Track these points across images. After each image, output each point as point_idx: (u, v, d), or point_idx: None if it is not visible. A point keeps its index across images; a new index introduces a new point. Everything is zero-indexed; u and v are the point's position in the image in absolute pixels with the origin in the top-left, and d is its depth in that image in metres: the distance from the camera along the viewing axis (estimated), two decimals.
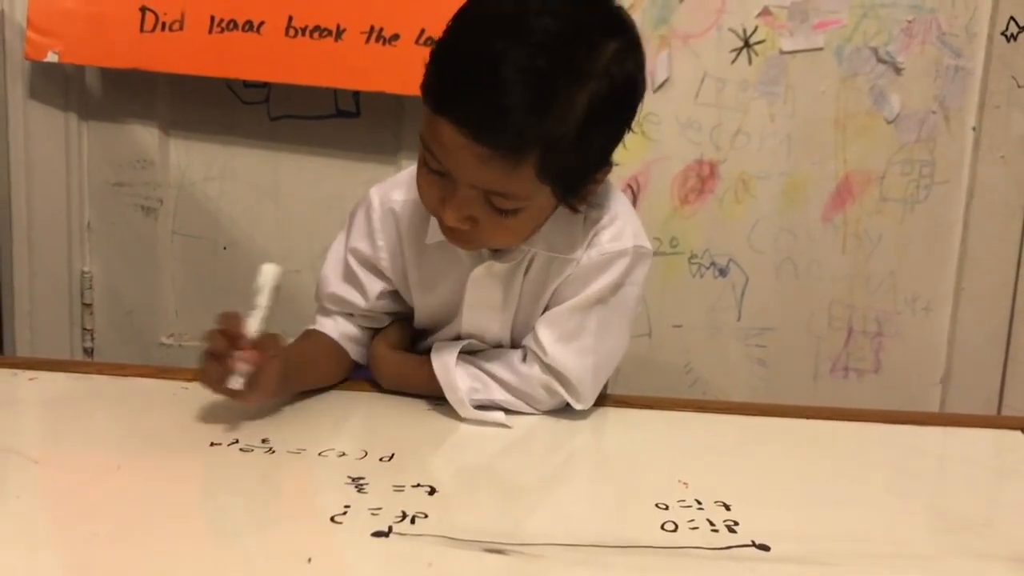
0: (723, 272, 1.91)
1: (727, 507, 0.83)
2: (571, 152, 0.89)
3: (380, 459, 0.90)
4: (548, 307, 1.04)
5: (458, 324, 1.06)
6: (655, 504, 0.83)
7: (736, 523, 0.80)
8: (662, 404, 1.11)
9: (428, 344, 1.08)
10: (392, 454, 0.91)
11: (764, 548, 0.76)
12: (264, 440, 0.93)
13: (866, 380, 1.96)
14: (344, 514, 0.78)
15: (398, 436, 0.97)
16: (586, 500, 0.88)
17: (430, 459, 0.94)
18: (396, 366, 1.09)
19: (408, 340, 1.12)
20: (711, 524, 0.79)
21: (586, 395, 1.03)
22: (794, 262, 1.90)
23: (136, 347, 1.93)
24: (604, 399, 1.08)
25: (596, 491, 0.91)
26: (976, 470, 1.00)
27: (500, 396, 1.03)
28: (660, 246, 1.88)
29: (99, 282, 1.93)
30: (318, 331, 1.11)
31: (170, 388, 0.98)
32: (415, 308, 1.10)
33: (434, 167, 0.91)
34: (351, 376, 1.13)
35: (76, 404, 1.04)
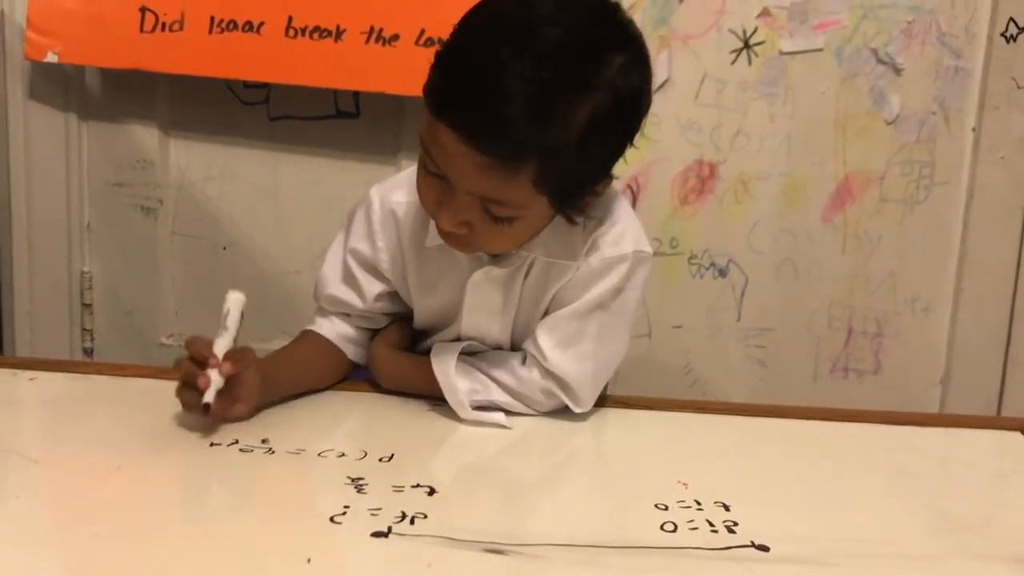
0: (723, 273, 1.91)
1: (727, 508, 0.83)
2: (570, 164, 0.88)
3: (380, 459, 0.90)
4: (548, 311, 1.04)
5: (458, 326, 1.06)
6: (655, 504, 0.83)
7: (735, 524, 0.80)
8: (662, 405, 1.11)
9: (428, 345, 1.08)
10: (392, 454, 0.91)
11: (763, 549, 0.76)
12: (264, 440, 0.93)
13: (866, 381, 1.96)
14: (344, 514, 0.78)
15: (398, 436, 0.97)
16: (585, 500, 0.88)
17: (430, 459, 0.95)
18: (396, 367, 1.09)
19: (407, 340, 1.12)
20: (710, 525, 0.79)
21: (585, 399, 1.03)
22: (794, 263, 1.90)
23: (136, 347, 1.93)
24: (604, 400, 1.08)
25: (595, 491, 0.91)
26: (976, 471, 1.01)
27: (499, 398, 1.03)
28: (660, 247, 1.88)
29: (99, 282, 1.92)
30: (315, 332, 1.11)
31: (170, 388, 0.98)
32: (415, 310, 1.10)
33: (432, 170, 0.91)
34: (350, 376, 1.13)
35: (76, 404, 1.04)
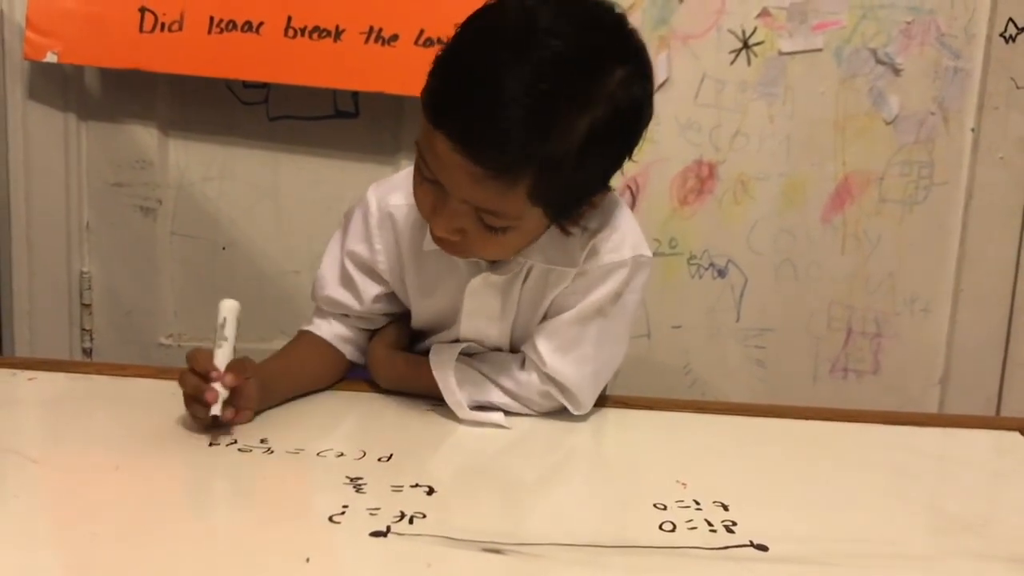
0: (722, 273, 1.91)
1: (725, 507, 0.83)
2: (567, 177, 0.87)
3: (378, 459, 0.90)
4: (547, 315, 1.04)
5: (457, 329, 1.06)
6: (653, 504, 0.83)
7: (734, 523, 0.80)
8: (661, 405, 1.11)
9: (426, 345, 1.08)
10: (391, 454, 0.91)
11: (762, 548, 0.76)
12: (263, 440, 0.93)
13: (865, 381, 1.96)
14: (342, 514, 0.78)
15: (397, 436, 0.97)
16: (584, 500, 0.88)
17: (429, 459, 0.95)
18: (394, 367, 1.09)
19: (406, 340, 1.12)
20: (709, 524, 0.79)
21: (585, 402, 1.03)
22: (793, 263, 1.90)
23: (135, 347, 1.93)
24: (603, 400, 1.08)
25: (594, 491, 0.91)
26: (975, 471, 1.01)
27: (498, 399, 1.03)
28: (659, 247, 1.88)
29: (98, 282, 1.92)
30: (312, 333, 1.11)
31: (169, 388, 0.98)
32: (413, 311, 1.10)
33: (428, 176, 0.90)
34: (348, 376, 1.13)
35: (75, 404, 1.04)
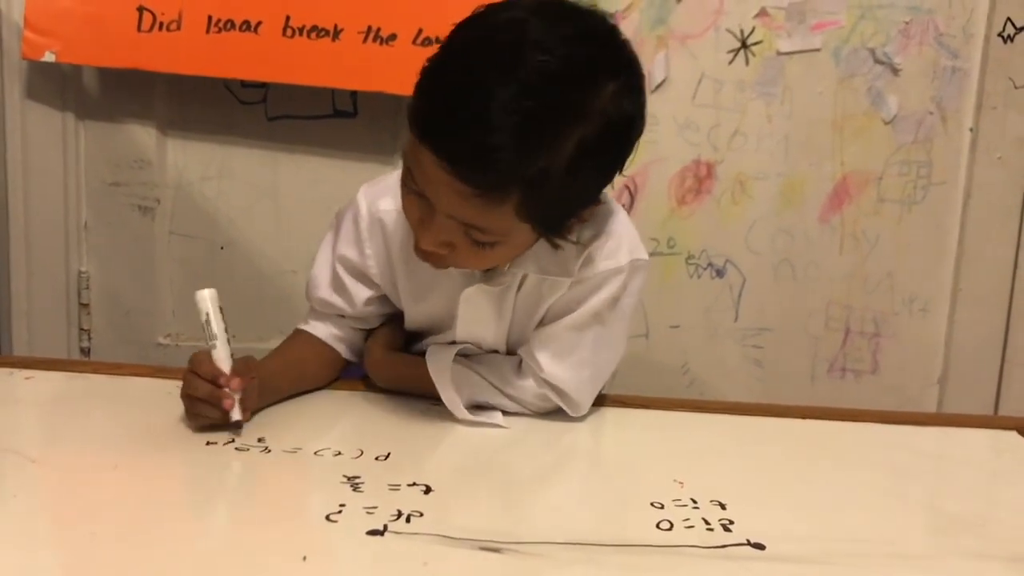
0: (720, 273, 1.91)
1: (722, 506, 0.83)
2: (556, 193, 0.86)
3: (376, 458, 0.90)
4: (544, 320, 1.03)
5: (452, 333, 1.05)
6: (651, 503, 0.83)
7: (731, 522, 0.80)
8: (659, 404, 1.11)
9: (423, 347, 1.08)
10: (388, 453, 0.91)
11: (759, 547, 0.76)
12: (260, 439, 0.93)
13: (863, 381, 1.96)
14: (339, 513, 0.78)
15: (394, 435, 0.97)
16: (582, 499, 0.88)
17: (426, 458, 0.94)
18: (391, 368, 1.09)
19: (402, 340, 1.12)
20: (706, 523, 0.80)
21: (582, 405, 1.03)
22: (791, 263, 1.90)
23: (133, 347, 1.92)
24: (601, 399, 1.08)
25: (592, 490, 0.91)
26: (973, 470, 1.01)
27: (495, 400, 1.03)
28: (657, 247, 1.88)
29: (96, 282, 1.92)
30: (308, 332, 1.11)
31: (167, 388, 0.98)
32: (406, 315, 1.09)
33: (414, 188, 0.89)
34: (344, 375, 1.13)
35: (73, 403, 1.04)
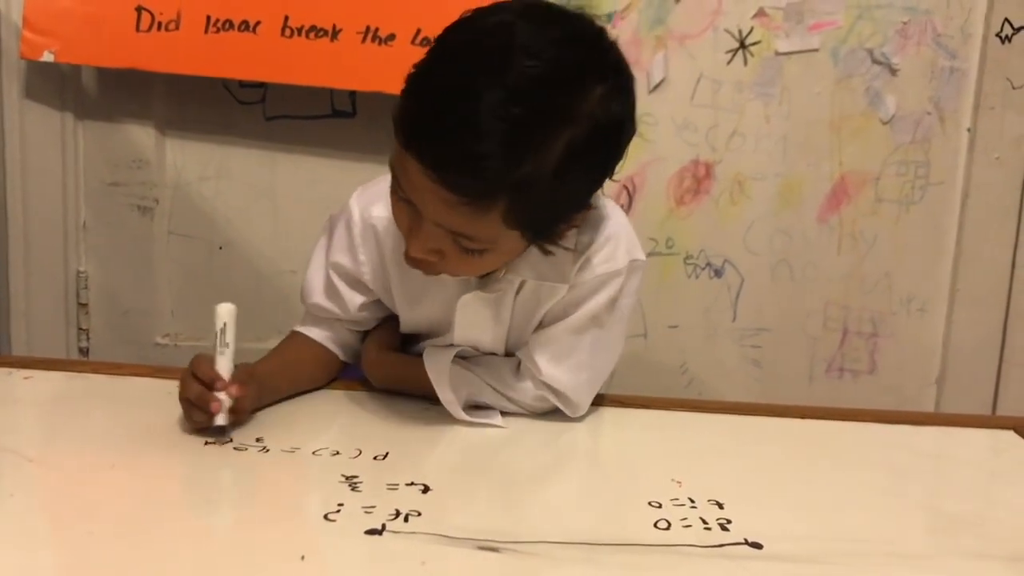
0: (718, 273, 1.91)
1: (720, 505, 0.83)
2: (544, 199, 0.85)
3: (374, 458, 0.90)
4: (542, 323, 1.03)
5: (450, 336, 1.05)
6: (649, 502, 0.83)
7: (729, 521, 0.80)
8: (657, 404, 1.11)
9: (420, 349, 1.07)
10: (386, 453, 0.91)
11: (757, 546, 0.76)
12: (258, 439, 0.93)
13: (861, 381, 1.96)
14: (338, 512, 0.78)
15: (392, 435, 0.97)
16: (580, 498, 0.88)
17: (424, 458, 0.95)
18: (388, 368, 1.09)
19: (399, 340, 1.11)
20: (704, 522, 0.80)
21: (581, 406, 1.04)
22: (789, 263, 1.90)
23: (132, 347, 1.92)
24: (600, 399, 1.08)
25: (590, 489, 0.91)
26: (971, 470, 1.01)
27: (493, 400, 1.03)
28: (655, 247, 1.88)
29: (95, 282, 1.92)
30: (304, 334, 1.11)
31: (165, 387, 0.98)
32: (401, 319, 1.09)
33: (402, 196, 0.89)
34: (342, 375, 1.13)
35: (71, 403, 1.04)
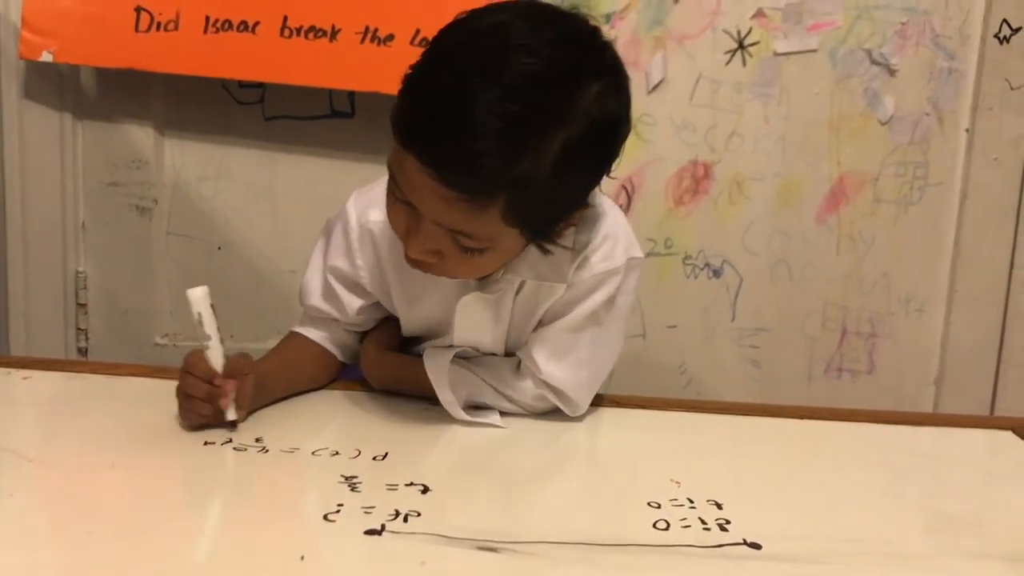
0: (717, 273, 1.91)
1: (719, 506, 0.83)
2: (542, 196, 0.86)
3: (373, 458, 0.90)
4: (542, 321, 1.04)
5: (450, 337, 1.05)
6: (647, 503, 0.83)
7: (728, 522, 0.80)
8: (656, 404, 1.11)
9: (420, 350, 1.07)
10: (385, 453, 0.91)
11: (755, 547, 0.76)
12: (258, 439, 0.93)
13: (860, 381, 1.96)
14: (337, 512, 0.78)
15: (391, 435, 0.98)
16: (579, 498, 0.88)
17: (423, 458, 0.95)
18: (388, 368, 1.09)
19: (398, 340, 1.11)
20: (703, 523, 0.80)
21: (580, 404, 1.04)
22: (788, 263, 1.90)
23: (131, 347, 1.92)
24: (598, 399, 1.08)
25: (589, 490, 0.91)
26: (969, 470, 1.01)
27: (492, 400, 1.03)
28: (654, 247, 1.88)
29: (93, 282, 1.92)
30: (302, 335, 1.11)
31: (164, 387, 0.98)
32: (401, 321, 1.09)
33: (400, 197, 0.89)
34: (342, 376, 1.13)
35: (70, 403, 1.04)
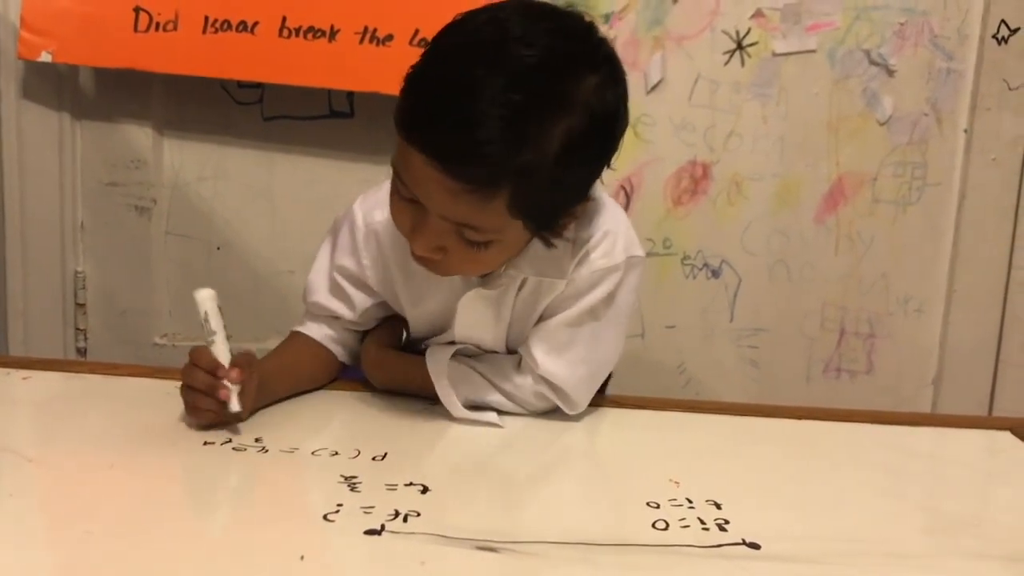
0: (716, 273, 1.91)
1: (718, 506, 0.83)
2: (546, 187, 0.87)
3: (373, 458, 0.90)
4: (542, 318, 1.04)
5: (452, 334, 1.06)
6: (647, 503, 0.83)
7: (727, 522, 0.80)
8: (655, 404, 1.11)
9: (422, 348, 1.08)
10: (385, 453, 0.91)
11: (754, 547, 0.76)
12: (257, 439, 0.93)
13: (858, 381, 1.96)
14: (337, 512, 0.78)
15: (391, 435, 0.98)
16: (578, 498, 0.88)
17: (423, 458, 0.95)
18: (388, 367, 1.09)
19: (399, 339, 1.12)
20: (702, 523, 0.80)
21: (579, 402, 1.04)
22: (787, 264, 1.91)
23: (130, 347, 1.92)
24: (598, 399, 1.08)
25: (588, 489, 0.91)
26: (968, 470, 1.01)
27: (492, 399, 1.03)
28: (653, 247, 1.88)
29: (92, 282, 1.92)
30: (304, 334, 1.11)
31: (163, 387, 0.98)
32: (409, 320, 1.10)
33: (405, 195, 0.89)
34: (342, 376, 1.13)
35: (69, 403, 1.04)
